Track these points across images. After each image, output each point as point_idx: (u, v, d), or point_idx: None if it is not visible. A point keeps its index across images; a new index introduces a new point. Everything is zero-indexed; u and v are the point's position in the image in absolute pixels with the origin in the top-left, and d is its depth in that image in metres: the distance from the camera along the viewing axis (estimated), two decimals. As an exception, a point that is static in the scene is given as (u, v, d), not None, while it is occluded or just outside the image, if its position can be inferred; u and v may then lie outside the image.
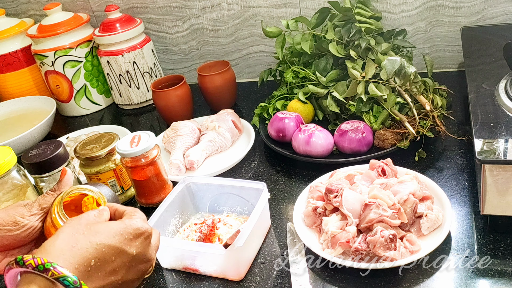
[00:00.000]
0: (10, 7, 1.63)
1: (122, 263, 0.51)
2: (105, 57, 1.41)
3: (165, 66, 1.58)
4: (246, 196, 0.90)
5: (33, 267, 0.46)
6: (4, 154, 0.95)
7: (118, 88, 1.46)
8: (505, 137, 0.75)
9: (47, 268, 0.45)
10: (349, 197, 0.81)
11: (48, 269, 0.45)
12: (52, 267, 0.46)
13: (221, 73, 1.29)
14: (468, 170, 0.95)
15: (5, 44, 1.48)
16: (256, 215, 0.82)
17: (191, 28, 1.48)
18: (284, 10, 1.37)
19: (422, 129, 0.98)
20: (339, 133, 1.04)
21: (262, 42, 1.44)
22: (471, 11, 1.24)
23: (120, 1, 1.49)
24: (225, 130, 1.16)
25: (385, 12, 1.29)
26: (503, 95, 0.85)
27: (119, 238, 0.52)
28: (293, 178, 1.03)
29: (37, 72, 1.53)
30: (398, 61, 1.02)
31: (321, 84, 1.14)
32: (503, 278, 0.72)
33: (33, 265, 0.46)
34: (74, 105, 1.50)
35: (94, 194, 0.66)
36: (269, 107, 1.20)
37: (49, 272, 0.45)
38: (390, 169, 0.89)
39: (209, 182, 0.93)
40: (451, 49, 1.31)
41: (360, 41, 1.10)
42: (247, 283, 0.80)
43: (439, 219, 0.80)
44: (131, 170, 0.97)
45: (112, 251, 0.51)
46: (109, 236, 0.51)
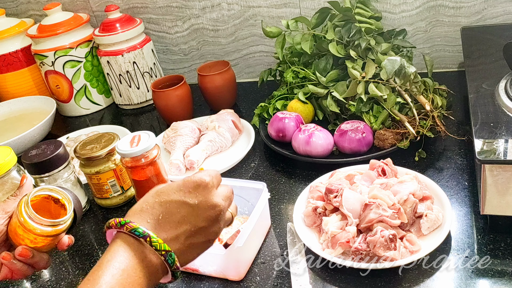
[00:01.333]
0: (10, 7, 1.63)
1: (187, 212, 0.59)
2: (105, 57, 1.41)
3: (165, 66, 1.58)
4: (246, 196, 0.90)
5: (114, 225, 0.58)
6: (4, 154, 0.95)
7: (118, 88, 1.46)
8: (505, 137, 0.75)
9: (123, 224, 0.57)
10: (349, 197, 0.81)
11: (123, 224, 0.57)
12: (126, 223, 0.57)
13: (221, 73, 1.29)
14: (468, 170, 0.95)
15: (5, 44, 1.48)
16: (256, 215, 0.82)
17: (191, 28, 1.48)
18: (284, 10, 1.37)
19: (422, 129, 0.98)
20: (339, 133, 1.04)
21: (262, 42, 1.44)
22: (471, 11, 1.24)
23: (120, 1, 1.49)
24: (225, 130, 1.16)
25: (385, 12, 1.29)
26: (503, 95, 0.85)
27: (178, 193, 0.60)
28: (293, 178, 1.03)
29: (37, 72, 1.53)
30: (398, 61, 1.02)
31: (321, 84, 1.14)
32: (503, 278, 0.72)
33: (113, 224, 0.58)
34: (74, 105, 1.50)
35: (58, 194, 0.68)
36: (269, 107, 1.20)
37: (124, 227, 0.57)
38: (390, 169, 0.89)
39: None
40: (451, 49, 1.31)
41: (360, 41, 1.10)
42: (247, 283, 0.80)
43: (439, 219, 0.80)
44: (131, 170, 0.97)
45: (175, 204, 0.59)
46: (170, 194, 0.60)
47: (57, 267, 0.92)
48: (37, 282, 0.89)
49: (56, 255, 0.95)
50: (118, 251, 0.57)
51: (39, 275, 0.90)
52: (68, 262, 0.92)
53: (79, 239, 0.98)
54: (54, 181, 0.98)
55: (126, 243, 0.57)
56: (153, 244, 0.56)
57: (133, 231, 0.57)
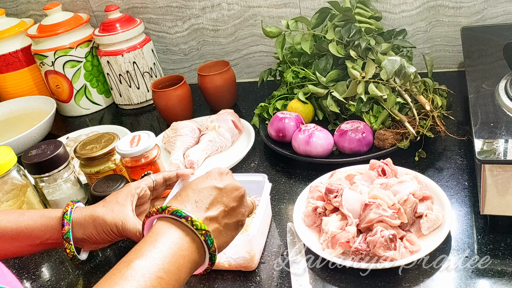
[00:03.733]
0: (10, 7, 1.63)
1: (218, 195, 0.66)
2: (105, 57, 1.41)
3: (165, 66, 1.58)
4: (246, 190, 0.90)
5: (155, 212, 0.62)
6: (4, 154, 0.95)
7: (118, 88, 1.46)
8: (505, 137, 0.75)
9: (164, 209, 0.61)
10: (349, 197, 0.81)
11: (164, 209, 0.61)
12: (167, 207, 0.61)
13: (221, 73, 1.29)
14: (468, 170, 0.95)
15: (5, 44, 1.48)
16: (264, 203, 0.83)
17: (191, 28, 1.48)
18: (284, 10, 1.37)
19: (422, 129, 0.98)
20: (339, 133, 1.04)
21: (262, 42, 1.44)
22: (471, 11, 1.24)
23: (120, 1, 1.49)
24: (225, 130, 1.16)
25: (385, 12, 1.29)
26: (503, 95, 0.85)
27: (207, 180, 0.67)
28: (293, 178, 1.03)
29: (37, 72, 1.53)
30: (398, 61, 1.02)
31: (321, 84, 1.14)
32: (503, 278, 0.72)
33: (154, 211, 0.62)
34: (74, 105, 1.50)
35: None
36: (269, 107, 1.20)
37: (166, 210, 0.61)
38: (390, 169, 0.89)
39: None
40: (451, 49, 1.31)
41: (360, 41, 1.10)
42: (247, 283, 0.80)
43: (439, 219, 0.80)
44: (131, 170, 0.97)
45: (207, 189, 0.66)
46: (199, 183, 0.67)
47: (57, 267, 0.92)
48: (37, 282, 0.89)
49: (56, 255, 0.95)
50: (162, 229, 0.61)
51: (39, 275, 0.90)
52: (68, 262, 0.92)
53: (79, 239, 0.98)
54: (54, 181, 0.98)
55: (170, 223, 0.61)
56: (194, 223, 0.60)
57: (175, 212, 0.61)
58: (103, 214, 0.78)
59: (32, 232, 0.78)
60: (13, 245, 0.79)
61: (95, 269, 0.89)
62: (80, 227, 0.78)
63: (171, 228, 0.60)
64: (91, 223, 0.78)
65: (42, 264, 0.93)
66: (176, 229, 0.60)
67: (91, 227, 0.78)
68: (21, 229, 0.78)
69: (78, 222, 0.78)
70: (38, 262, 0.94)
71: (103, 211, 0.78)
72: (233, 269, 0.82)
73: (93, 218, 0.78)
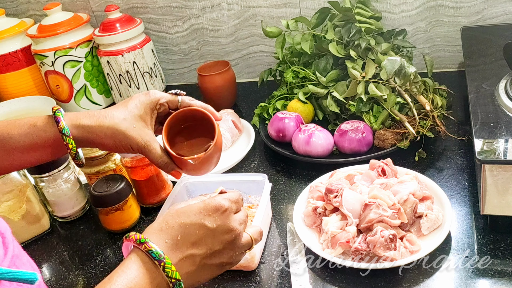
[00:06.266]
0: (10, 7, 1.63)
1: (205, 235, 0.62)
2: (105, 57, 1.41)
3: (165, 66, 1.58)
4: (246, 189, 0.91)
5: (133, 240, 0.60)
6: (4, 154, 0.94)
7: (118, 88, 1.46)
8: (505, 137, 0.75)
9: (143, 242, 0.59)
10: (349, 197, 0.82)
11: (142, 243, 0.59)
12: (146, 241, 0.59)
13: (221, 73, 1.29)
14: (468, 170, 0.95)
15: (5, 44, 1.47)
16: (264, 202, 0.83)
17: (191, 28, 1.48)
18: (284, 10, 1.37)
19: (422, 129, 0.98)
20: (339, 133, 1.04)
21: (262, 42, 1.44)
22: (471, 11, 1.24)
23: (120, 1, 1.49)
24: (225, 130, 1.16)
25: (385, 12, 1.29)
26: (503, 95, 0.85)
27: (199, 215, 0.62)
28: (293, 178, 1.03)
29: (37, 72, 1.53)
30: (398, 61, 1.02)
31: (321, 84, 1.14)
32: (503, 278, 0.72)
33: (133, 239, 0.60)
34: (74, 105, 1.50)
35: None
36: (269, 107, 1.20)
37: (143, 245, 0.59)
38: (390, 169, 0.89)
39: (206, 180, 0.93)
40: (451, 49, 1.31)
41: (360, 41, 1.10)
42: (247, 283, 0.80)
43: (439, 219, 0.80)
44: (131, 170, 0.97)
45: (194, 226, 0.62)
46: (190, 215, 0.62)
47: (57, 267, 0.92)
48: (37, 282, 0.89)
49: (56, 255, 0.95)
50: (131, 268, 0.59)
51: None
52: (68, 262, 0.92)
53: (79, 239, 0.98)
54: (54, 181, 0.98)
55: (141, 261, 0.59)
56: (166, 269, 0.58)
57: (150, 252, 0.59)
58: (124, 128, 0.74)
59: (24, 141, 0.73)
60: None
61: (95, 269, 0.89)
62: (89, 132, 0.74)
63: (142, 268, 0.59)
64: (109, 134, 0.74)
65: (42, 264, 0.93)
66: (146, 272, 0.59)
67: (108, 138, 0.74)
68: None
69: (88, 127, 0.74)
70: (38, 262, 0.94)
71: (124, 125, 0.74)
72: (233, 269, 0.82)
73: (113, 130, 0.74)
